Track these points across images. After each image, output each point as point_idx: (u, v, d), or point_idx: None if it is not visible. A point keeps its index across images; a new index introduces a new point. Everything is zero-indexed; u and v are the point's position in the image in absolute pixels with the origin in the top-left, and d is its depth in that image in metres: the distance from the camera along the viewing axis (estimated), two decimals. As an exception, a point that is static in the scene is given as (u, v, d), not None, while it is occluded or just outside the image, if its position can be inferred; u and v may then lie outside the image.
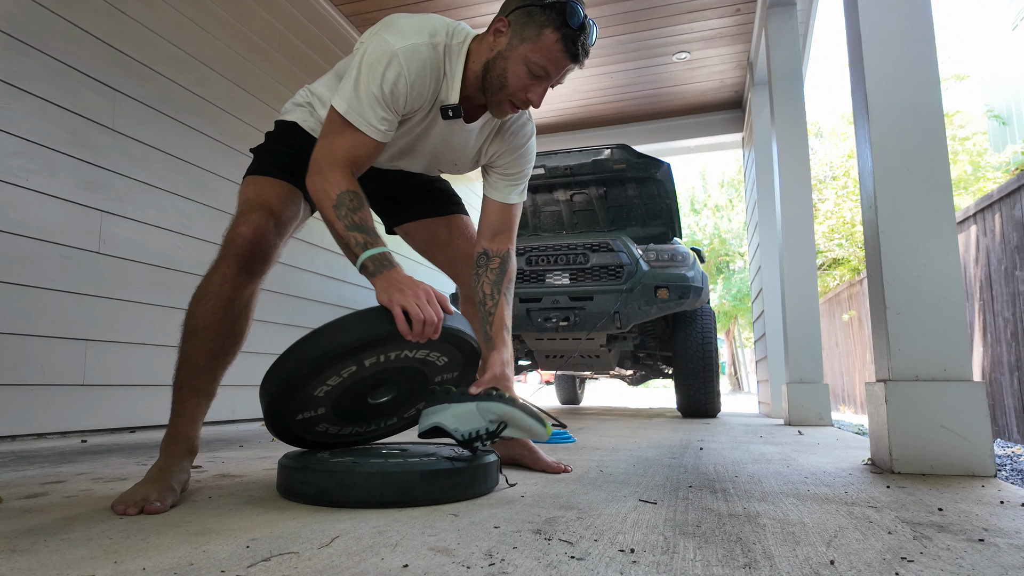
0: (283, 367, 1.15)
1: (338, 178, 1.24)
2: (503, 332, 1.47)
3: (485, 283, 1.51)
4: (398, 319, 1.12)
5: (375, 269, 1.19)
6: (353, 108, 1.25)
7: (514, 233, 1.56)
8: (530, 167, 1.56)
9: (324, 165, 1.25)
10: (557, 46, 1.26)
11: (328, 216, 1.24)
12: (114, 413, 2.48)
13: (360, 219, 1.22)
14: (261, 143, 1.49)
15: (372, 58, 1.24)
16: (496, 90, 1.31)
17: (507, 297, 1.51)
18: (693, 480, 1.47)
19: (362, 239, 1.21)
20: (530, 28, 1.26)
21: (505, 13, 1.30)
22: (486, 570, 0.76)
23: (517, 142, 1.50)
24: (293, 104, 1.50)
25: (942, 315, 1.67)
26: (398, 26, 1.27)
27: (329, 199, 1.23)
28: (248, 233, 1.28)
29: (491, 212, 1.53)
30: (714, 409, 4.22)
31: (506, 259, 1.53)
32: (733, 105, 5.83)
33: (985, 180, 9.75)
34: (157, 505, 1.08)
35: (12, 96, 2.15)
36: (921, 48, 1.78)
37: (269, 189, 1.37)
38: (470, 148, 1.48)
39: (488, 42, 1.32)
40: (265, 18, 3.52)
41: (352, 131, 1.26)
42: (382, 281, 1.18)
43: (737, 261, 22.09)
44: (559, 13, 1.24)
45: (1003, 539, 0.93)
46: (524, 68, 1.28)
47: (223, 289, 1.26)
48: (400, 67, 1.24)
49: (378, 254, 1.20)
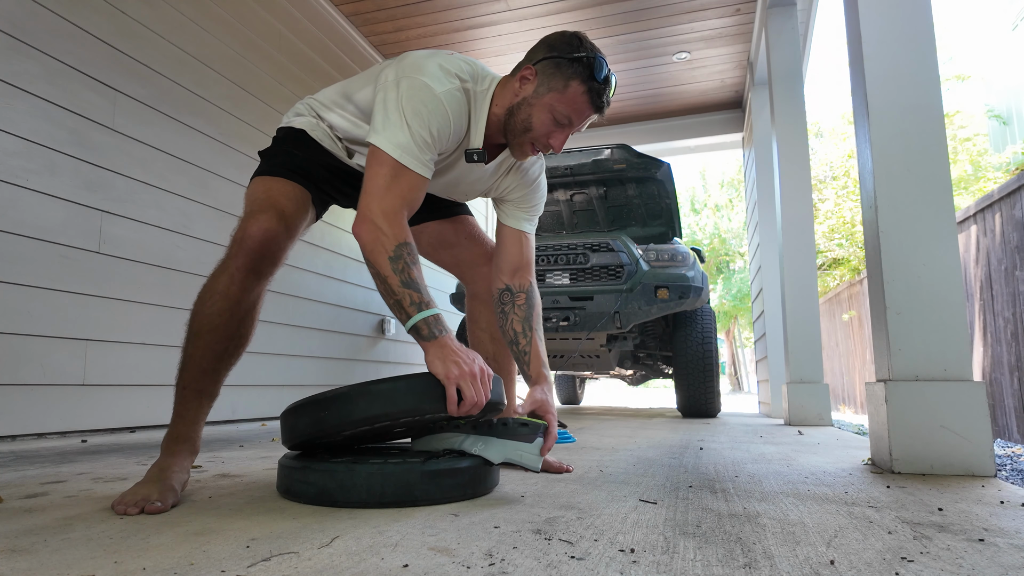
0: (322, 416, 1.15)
1: (395, 229, 1.20)
2: (542, 368, 1.49)
3: (515, 321, 1.51)
4: (450, 400, 1.12)
5: (429, 333, 1.17)
6: (407, 151, 1.23)
7: (533, 265, 1.58)
8: (543, 199, 1.59)
9: (378, 213, 1.20)
10: (583, 98, 1.31)
11: (382, 269, 1.19)
12: (114, 413, 2.48)
13: (416, 275, 1.19)
14: (269, 146, 1.47)
15: (417, 101, 1.23)
16: (519, 133, 1.34)
17: (538, 332, 1.52)
18: (693, 480, 1.47)
19: (417, 298, 1.18)
20: (557, 79, 1.30)
21: (533, 62, 1.33)
22: (486, 570, 0.76)
23: (529, 177, 1.54)
24: (294, 114, 1.48)
25: (942, 315, 1.67)
26: (430, 70, 1.27)
27: (385, 251, 1.18)
28: (258, 233, 1.27)
29: (509, 243, 1.55)
30: (714, 409, 4.22)
31: (531, 293, 1.54)
32: (733, 105, 5.83)
33: (985, 180, 9.75)
34: (158, 505, 1.08)
35: (12, 96, 2.15)
36: (921, 48, 1.78)
37: (279, 189, 1.36)
38: (484, 183, 1.51)
39: (513, 87, 1.34)
40: (265, 18, 3.52)
41: (407, 173, 1.24)
42: (436, 349, 1.16)
43: (737, 261, 22.09)
44: (586, 67, 1.29)
45: (1003, 539, 0.93)
46: (550, 116, 1.32)
47: (230, 291, 1.25)
48: (445, 111, 1.26)
49: (432, 316, 1.18)
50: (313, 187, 1.42)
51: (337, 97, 1.45)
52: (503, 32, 4.54)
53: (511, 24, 4.43)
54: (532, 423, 1.25)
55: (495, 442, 1.22)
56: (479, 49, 4.73)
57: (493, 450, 1.22)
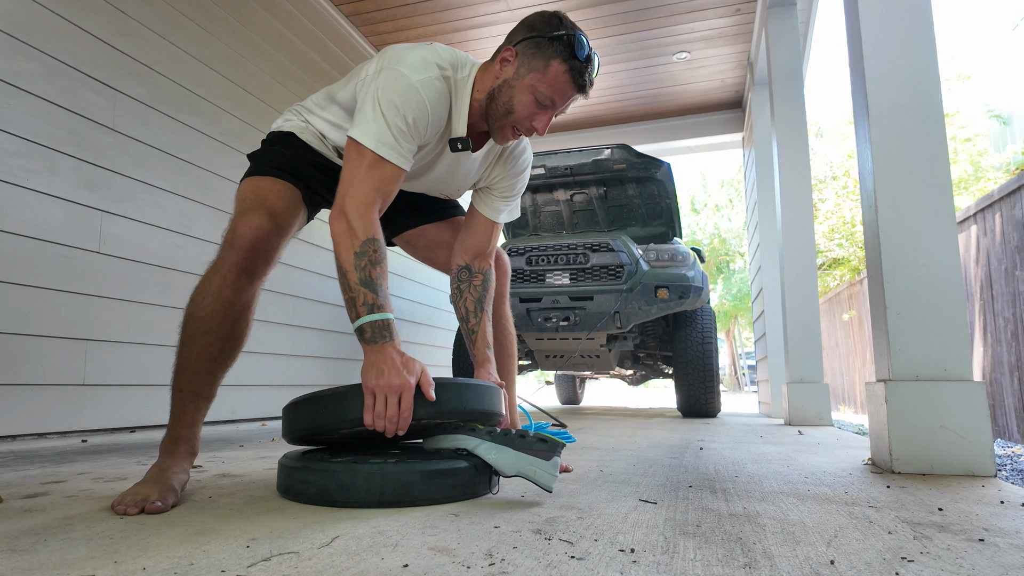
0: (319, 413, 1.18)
1: (366, 223, 1.19)
2: (486, 350, 1.51)
3: (468, 300, 1.53)
4: (366, 409, 1.11)
5: (371, 336, 1.15)
6: (382, 141, 1.22)
7: (495, 252, 1.60)
8: (523, 188, 1.59)
9: (351, 205, 1.20)
10: (564, 77, 1.28)
11: (344, 263, 1.18)
12: (114, 413, 2.48)
13: (376, 276, 1.17)
14: (257, 148, 1.47)
15: (392, 91, 1.23)
16: (500, 116, 1.33)
17: (488, 314, 1.54)
18: (693, 480, 1.47)
19: (371, 299, 1.16)
20: (538, 59, 1.28)
21: (512, 43, 1.32)
22: (486, 570, 0.76)
23: (518, 168, 1.54)
24: (283, 119, 1.49)
25: (942, 315, 1.67)
26: (408, 60, 1.26)
27: (351, 245, 1.17)
28: (248, 232, 1.26)
29: (479, 230, 1.55)
30: (714, 409, 4.22)
31: (488, 276, 1.56)
32: (733, 105, 5.83)
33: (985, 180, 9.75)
34: (158, 504, 1.07)
35: (12, 96, 2.15)
36: (921, 48, 1.78)
37: (269, 188, 1.35)
38: (473, 174, 1.51)
39: (493, 70, 1.33)
40: (265, 18, 3.52)
41: (381, 164, 1.23)
42: (373, 354, 1.14)
43: (737, 261, 22.10)
44: (567, 45, 1.27)
45: (1003, 539, 0.93)
46: (531, 97, 1.29)
47: (223, 292, 1.24)
48: (421, 99, 1.25)
49: (380, 320, 1.15)
50: (303, 186, 1.41)
51: (321, 100, 1.45)
52: (503, 32, 4.53)
53: (511, 24, 4.42)
54: (552, 440, 1.22)
55: (509, 453, 1.20)
56: (479, 49, 4.74)
57: (507, 461, 1.20)
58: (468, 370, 4.46)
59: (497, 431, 1.24)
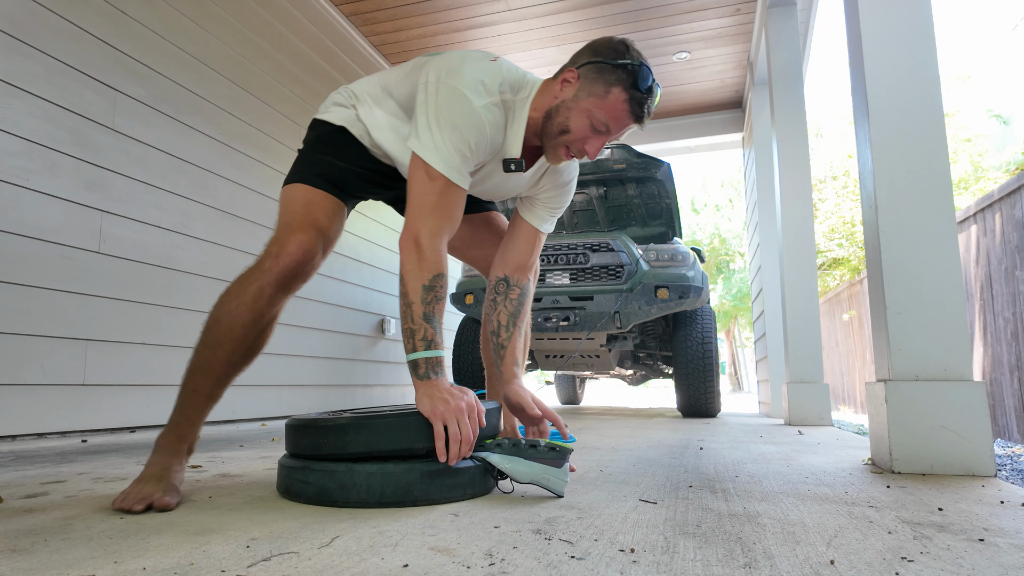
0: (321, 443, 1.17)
1: (437, 257, 1.21)
2: (515, 367, 1.48)
3: (502, 313, 1.50)
4: (437, 436, 1.14)
5: (425, 372, 1.19)
6: (450, 164, 1.23)
7: (536, 267, 1.58)
8: (569, 200, 1.57)
9: (426, 235, 1.21)
10: (624, 106, 1.27)
11: (411, 293, 1.20)
12: (114, 413, 2.48)
13: (437, 312, 1.21)
14: (310, 143, 1.43)
15: (455, 114, 1.22)
16: (555, 136, 1.31)
17: (521, 330, 1.52)
18: (693, 480, 1.47)
19: (431, 336, 1.19)
20: (599, 84, 1.27)
21: (576, 65, 1.31)
22: (486, 570, 0.76)
23: (563, 179, 1.52)
24: (333, 103, 1.44)
25: (942, 315, 1.67)
26: (468, 78, 1.24)
27: (421, 277, 1.20)
28: (297, 252, 1.26)
29: (522, 239, 1.53)
30: (714, 409, 4.22)
31: (525, 291, 1.53)
32: (733, 105, 5.84)
33: (985, 180, 9.75)
34: (167, 500, 1.08)
35: (12, 96, 2.15)
36: (921, 48, 1.78)
37: (320, 205, 1.34)
38: (521, 188, 1.50)
39: (553, 90, 1.32)
40: (265, 18, 3.52)
41: (451, 189, 1.24)
42: (427, 387, 1.18)
43: (737, 261, 22.10)
44: (630, 75, 1.25)
45: (1003, 539, 0.93)
46: (587, 121, 1.28)
47: (257, 304, 1.24)
48: (482, 124, 1.24)
49: (435, 358, 1.19)
50: (349, 197, 1.42)
51: (377, 92, 1.41)
52: (503, 32, 4.54)
53: (511, 24, 4.43)
54: (561, 447, 1.26)
55: (523, 463, 1.24)
56: (479, 49, 4.73)
57: (521, 470, 1.23)
58: (468, 375, 4.46)
59: (506, 442, 1.27)
